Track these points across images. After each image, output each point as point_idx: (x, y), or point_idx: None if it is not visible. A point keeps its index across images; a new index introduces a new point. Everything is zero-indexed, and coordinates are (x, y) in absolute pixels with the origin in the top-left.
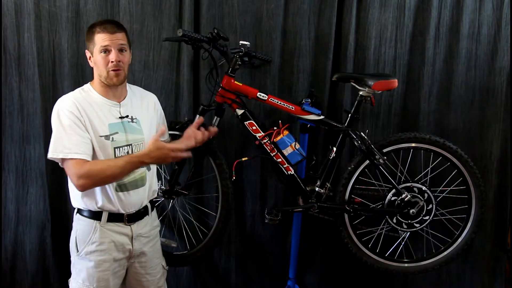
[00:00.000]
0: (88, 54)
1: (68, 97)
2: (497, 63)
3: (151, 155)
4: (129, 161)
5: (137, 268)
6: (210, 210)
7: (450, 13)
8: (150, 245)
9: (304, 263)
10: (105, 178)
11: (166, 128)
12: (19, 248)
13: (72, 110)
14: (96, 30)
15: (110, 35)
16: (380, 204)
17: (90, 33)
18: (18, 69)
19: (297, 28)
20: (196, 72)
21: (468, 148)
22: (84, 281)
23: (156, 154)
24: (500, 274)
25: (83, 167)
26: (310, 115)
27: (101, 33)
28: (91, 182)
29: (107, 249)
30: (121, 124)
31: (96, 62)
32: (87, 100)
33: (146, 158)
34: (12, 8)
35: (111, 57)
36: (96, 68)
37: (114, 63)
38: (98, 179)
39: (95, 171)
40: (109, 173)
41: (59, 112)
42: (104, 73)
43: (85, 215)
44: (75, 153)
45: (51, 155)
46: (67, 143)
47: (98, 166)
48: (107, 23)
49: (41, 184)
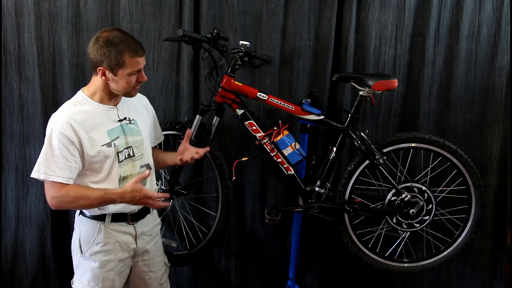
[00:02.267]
0: (103, 70)
1: (63, 115)
2: (497, 63)
3: (125, 195)
4: (102, 196)
5: (141, 267)
6: (210, 210)
7: (450, 13)
8: (152, 243)
9: (304, 263)
10: (75, 206)
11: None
12: (19, 248)
13: (64, 131)
14: (127, 53)
15: (142, 58)
16: (380, 204)
17: (115, 52)
18: (18, 69)
19: (297, 28)
20: (196, 72)
21: (468, 148)
22: (90, 282)
23: (130, 195)
24: (500, 274)
25: (60, 190)
26: (310, 115)
27: (134, 57)
28: (62, 205)
29: (112, 249)
30: (120, 128)
31: (118, 80)
32: (83, 112)
33: (119, 198)
34: (12, 8)
35: (142, 77)
36: (116, 85)
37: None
38: (69, 204)
39: (69, 197)
40: (81, 203)
41: (51, 133)
42: (127, 90)
43: (88, 216)
44: (57, 176)
45: (34, 175)
46: (52, 166)
47: (74, 193)
48: (135, 44)
49: (41, 184)
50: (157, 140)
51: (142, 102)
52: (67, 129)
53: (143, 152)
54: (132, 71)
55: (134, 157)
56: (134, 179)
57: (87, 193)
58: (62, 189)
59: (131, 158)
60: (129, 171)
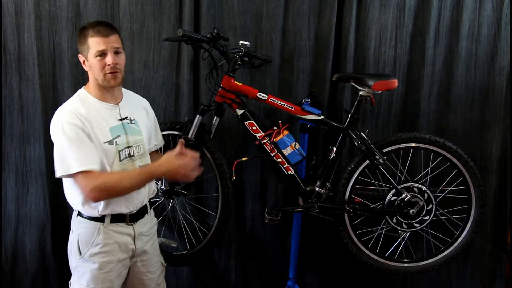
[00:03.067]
0: (82, 58)
1: (66, 109)
2: (497, 63)
3: (162, 168)
4: (142, 173)
5: (139, 267)
6: (210, 210)
7: (450, 13)
8: (150, 243)
9: (304, 263)
10: (119, 191)
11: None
12: (19, 248)
13: (75, 122)
14: (89, 34)
15: (105, 38)
16: (380, 204)
17: (82, 37)
18: (18, 69)
19: (297, 28)
20: (196, 72)
21: (468, 148)
22: (89, 284)
23: (168, 167)
24: (500, 274)
25: (96, 179)
26: (310, 115)
27: (95, 37)
28: (105, 194)
29: (111, 251)
30: (121, 126)
31: (91, 66)
32: (85, 107)
33: (158, 171)
34: (12, 8)
35: (107, 60)
36: (92, 71)
37: (112, 65)
38: (112, 192)
39: (109, 184)
40: (123, 185)
41: (62, 127)
42: (101, 76)
43: (86, 217)
44: (87, 164)
45: (63, 173)
46: (77, 157)
47: (113, 178)
48: (99, 25)
49: (41, 184)
50: (157, 146)
51: (143, 104)
52: (76, 120)
53: (143, 153)
54: (97, 52)
55: (134, 157)
56: (170, 153)
57: (124, 175)
58: (99, 178)
59: (131, 158)
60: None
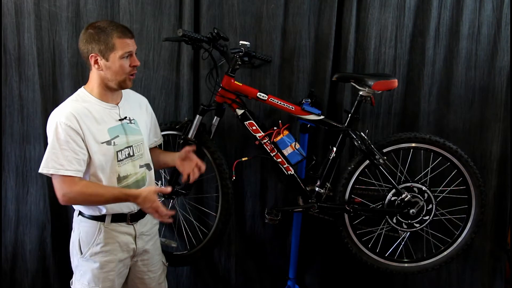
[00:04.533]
0: (96, 57)
1: (66, 108)
2: (497, 63)
3: (138, 199)
4: (117, 196)
5: (140, 267)
6: (210, 210)
7: (450, 13)
8: (151, 242)
9: (304, 263)
10: (86, 203)
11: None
12: (19, 248)
13: (69, 123)
14: (115, 34)
15: (131, 40)
16: (380, 204)
17: (103, 36)
18: (18, 69)
19: (297, 28)
20: (196, 72)
21: (468, 148)
22: (90, 283)
23: (142, 201)
24: (500, 274)
25: (73, 186)
26: (310, 115)
27: (123, 38)
28: (74, 202)
29: (112, 250)
30: (121, 126)
31: (112, 66)
32: (85, 107)
33: (132, 199)
34: (12, 8)
35: (135, 62)
36: (110, 72)
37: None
38: (82, 201)
39: (82, 195)
40: (93, 199)
41: (56, 125)
42: (122, 78)
43: (87, 216)
44: (66, 169)
45: (42, 170)
46: (61, 159)
47: (88, 190)
48: (122, 27)
49: (41, 184)
50: (156, 142)
51: (142, 102)
52: (72, 120)
53: (143, 152)
54: (124, 53)
55: (134, 157)
56: (154, 189)
57: (100, 191)
58: (75, 186)
59: (131, 158)
60: (128, 170)
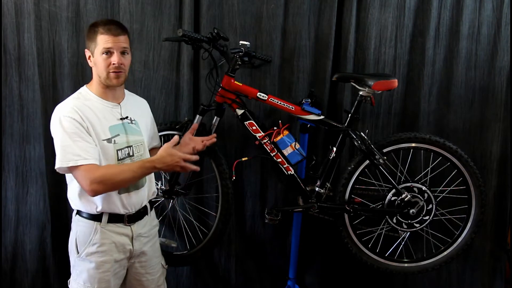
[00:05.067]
0: (88, 53)
1: (67, 104)
2: (497, 63)
3: (163, 160)
4: (142, 166)
5: (137, 268)
6: (210, 210)
7: (450, 13)
8: (149, 244)
9: (304, 263)
10: (118, 183)
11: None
12: (19, 248)
13: (73, 116)
14: (99, 31)
15: (114, 38)
16: (380, 204)
17: (92, 33)
18: (18, 69)
19: (297, 28)
20: (196, 72)
21: (468, 148)
22: (85, 283)
23: (167, 160)
24: (500, 274)
25: (95, 172)
26: (310, 115)
27: (105, 34)
28: (104, 187)
29: (108, 250)
30: (121, 126)
31: (96, 62)
32: (86, 104)
33: (158, 163)
34: (12, 8)
35: (113, 59)
36: (96, 68)
37: (116, 65)
38: (110, 184)
39: (108, 175)
40: (122, 177)
41: (61, 120)
42: (104, 74)
43: (85, 216)
44: (84, 159)
45: (61, 165)
46: (76, 150)
47: (111, 170)
48: (111, 24)
49: (41, 184)
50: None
51: (144, 105)
52: (75, 115)
53: (143, 153)
54: (102, 50)
55: (134, 157)
56: (166, 145)
57: (125, 167)
58: (98, 170)
59: (131, 158)
60: None
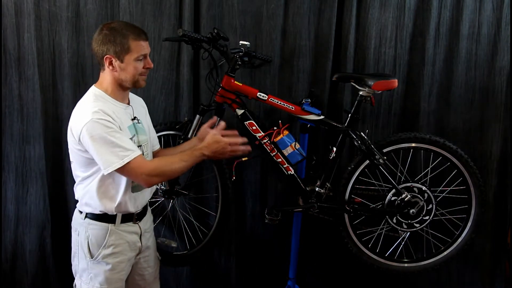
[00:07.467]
0: (110, 59)
1: (91, 109)
2: (497, 63)
3: (210, 147)
4: (191, 154)
5: (141, 263)
6: (210, 210)
7: (450, 13)
8: (151, 239)
9: (304, 263)
10: (172, 172)
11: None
12: (19, 248)
13: (104, 117)
14: (131, 37)
15: (145, 43)
16: (380, 204)
17: (119, 37)
18: (18, 69)
19: (297, 28)
20: (196, 72)
21: (468, 148)
22: (102, 285)
23: (214, 147)
24: (500, 274)
25: (148, 165)
26: (310, 115)
27: (138, 40)
28: (160, 178)
29: (123, 250)
30: (133, 126)
31: (126, 68)
32: (107, 106)
33: (206, 151)
34: (12, 8)
35: (148, 63)
36: (125, 73)
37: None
38: (167, 175)
39: (162, 167)
40: (175, 167)
41: (94, 124)
42: (134, 78)
43: (96, 219)
44: (134, 151)
45: (111, 167)
46: (124, 146)
47: (163, 162)
48: (138, 29)
49: (41, 184)
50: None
51: (143, 104)
52: (104, 115)
53: (148, 152)
54: (139, 56)
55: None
56: (213, 131)
57: (176, 157)
58: (151, 163)
59: None
60: None
